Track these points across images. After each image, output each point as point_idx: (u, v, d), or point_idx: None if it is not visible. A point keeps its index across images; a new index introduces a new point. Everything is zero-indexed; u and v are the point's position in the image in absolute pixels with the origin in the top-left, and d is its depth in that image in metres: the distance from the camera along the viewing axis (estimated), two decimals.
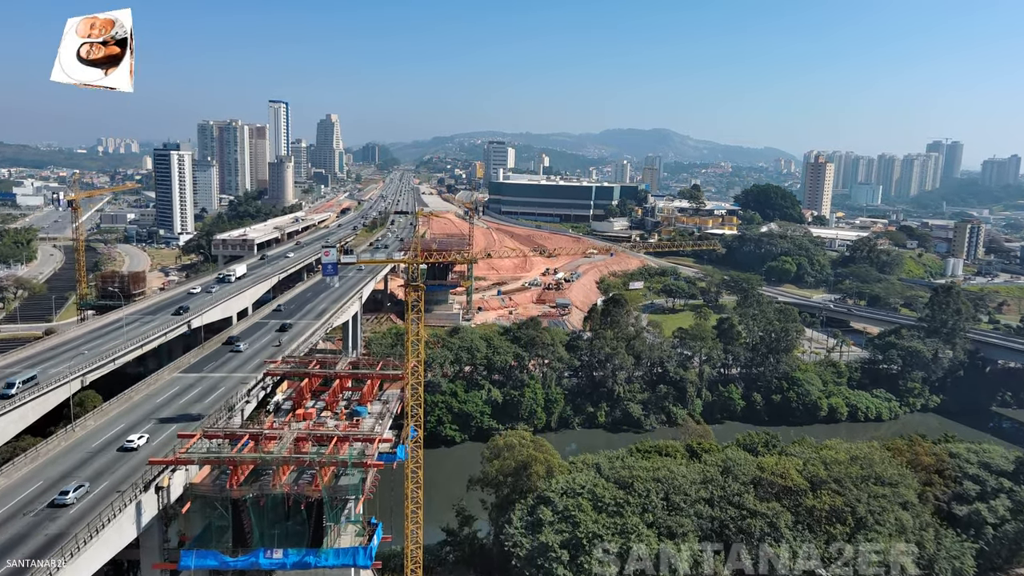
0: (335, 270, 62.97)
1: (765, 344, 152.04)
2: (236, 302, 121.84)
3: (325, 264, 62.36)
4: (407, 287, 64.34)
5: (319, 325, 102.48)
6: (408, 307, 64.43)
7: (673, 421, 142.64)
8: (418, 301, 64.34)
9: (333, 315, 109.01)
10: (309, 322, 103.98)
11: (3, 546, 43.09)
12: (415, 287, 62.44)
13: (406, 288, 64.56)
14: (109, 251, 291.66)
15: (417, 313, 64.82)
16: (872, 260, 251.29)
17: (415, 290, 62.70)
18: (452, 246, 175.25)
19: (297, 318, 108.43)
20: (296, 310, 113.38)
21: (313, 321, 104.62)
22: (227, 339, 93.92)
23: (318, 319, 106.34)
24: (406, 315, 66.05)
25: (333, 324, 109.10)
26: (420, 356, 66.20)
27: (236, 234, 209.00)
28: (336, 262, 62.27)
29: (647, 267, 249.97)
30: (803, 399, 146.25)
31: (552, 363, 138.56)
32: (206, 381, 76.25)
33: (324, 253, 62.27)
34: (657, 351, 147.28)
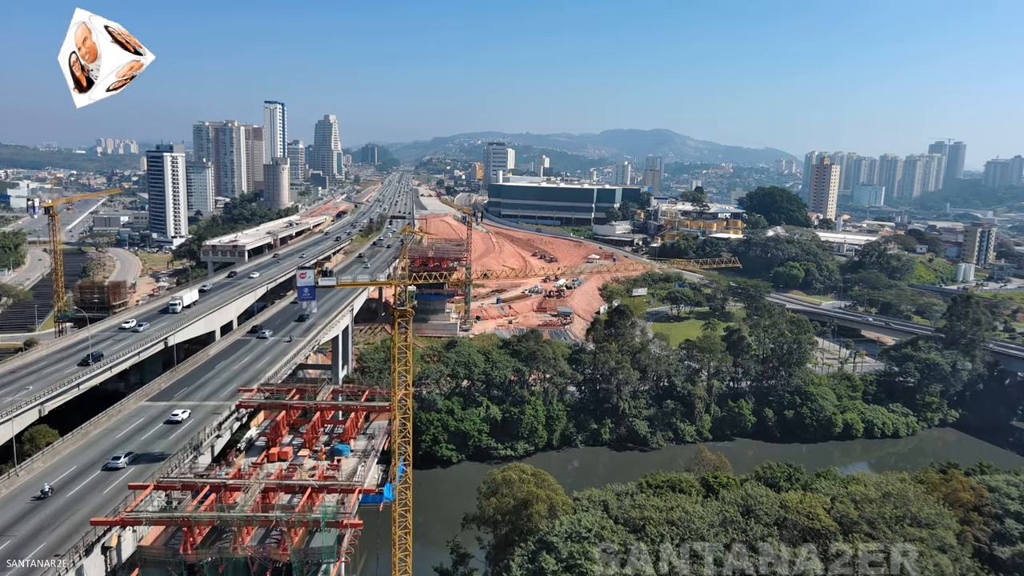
0: (312, 294, 56.24)
1: (777, 357, 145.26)
2: (220, 315, 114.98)
3: (301, 288, 55.60)
4: (395, 310, 57.49)
5: (305, 343, 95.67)
6: (395, 334, 57.55)
7: (681, 438, 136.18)
8: (405, 327, 57.41)
9: (321, 331, 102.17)
10: (295, 339, 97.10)
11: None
12: (402, 312, 55.56)
13: (394, 312, 57.75)
14: (99, 256, 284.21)
15: (405, 341, 57.88)
16: (882, 265, 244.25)
17: (402, 315, 55.79)
18: (449, 253, 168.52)
19: (282, 335, 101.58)
20: (282, 325, 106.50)
21: (299, 339, 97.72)
22: (204, 360, 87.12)
23: (305, 335, 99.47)
24: (394, 337, 59.19)
25: (321, 340, 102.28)
26: (408, 387, 59.32)
27: (226, 240, 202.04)
28: (313, 285, 55.50)
29: (651, 272, 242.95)
30: (817, 415, 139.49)
31: (554, 378, 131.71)
32: (175, 411, 69.33)
33: (300, 275, 55.49)
34: (664, 364, 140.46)
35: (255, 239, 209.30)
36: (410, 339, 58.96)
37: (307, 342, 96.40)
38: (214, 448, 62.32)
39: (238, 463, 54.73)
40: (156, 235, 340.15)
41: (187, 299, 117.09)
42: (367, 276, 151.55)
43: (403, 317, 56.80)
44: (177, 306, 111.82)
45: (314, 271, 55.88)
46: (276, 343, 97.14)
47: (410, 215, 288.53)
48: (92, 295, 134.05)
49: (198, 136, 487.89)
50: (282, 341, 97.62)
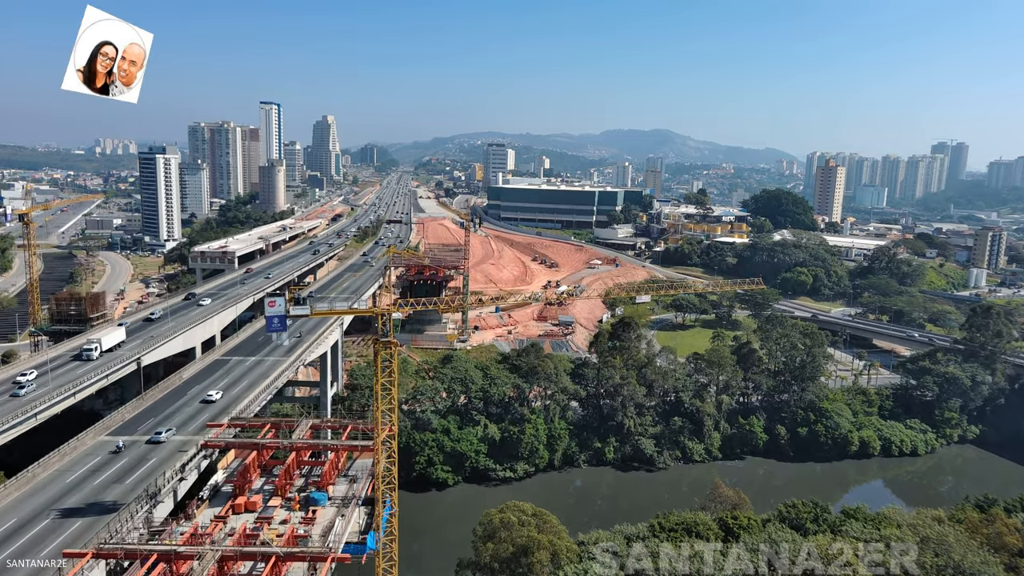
0: (282, 325, 49.49)
1: (789, 370, 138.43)
2: (202, 329, 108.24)
3: (269, 318, 48.83)
4: (376, 342, 50.70)
5: (289, 363, 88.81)
6: (377, 367, 50.68)
7: (689, 457, 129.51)
8: (389, 359, 50.56)
9: (308, 348, 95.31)
10: (276, 360, 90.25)
11: None
12: (385, 344, 48.78)
13: (376, 343, 50.94)
14: (88, 260, 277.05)
15: (390, 374, 51.02)
16: (892, 271, 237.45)
17: (385, 347, 48.99)
18: (446, 261, 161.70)
19: (263, 354, 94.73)
20: (265, 343, 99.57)
21: (282, 358, 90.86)
22: (177, 384, 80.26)
23: (289, 354, 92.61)
24: (375, 371, 52.31)
25: (307, 359, 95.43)
26: (393, 426, 52.43)
27: (216, 246, 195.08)
28: (283, 314, 48.76)
29: (654, 278, 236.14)
30: (832, 432, 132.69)
31: (555, 395, 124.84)
32: (136, 448, 62.50)
33: (269, 304, 48.76)
34: (671, 379, 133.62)
35: (246, 245, 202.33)
36: (395, 372, 52.11)
37: (291, 362, 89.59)
38: (177, 493, 55.54)
39: (198, 517, 47.99)
40: (149, 238, 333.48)
41: (107, 342, 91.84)
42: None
43: (387, 349, 50.04)
44: (93, 352, 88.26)
45: (285, 298, 49.23)
46: (259, 362, 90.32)
47: (407, 219, 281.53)
48: (68, 307, 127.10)
49: (193, 137, 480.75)
50: (265, 360, 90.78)
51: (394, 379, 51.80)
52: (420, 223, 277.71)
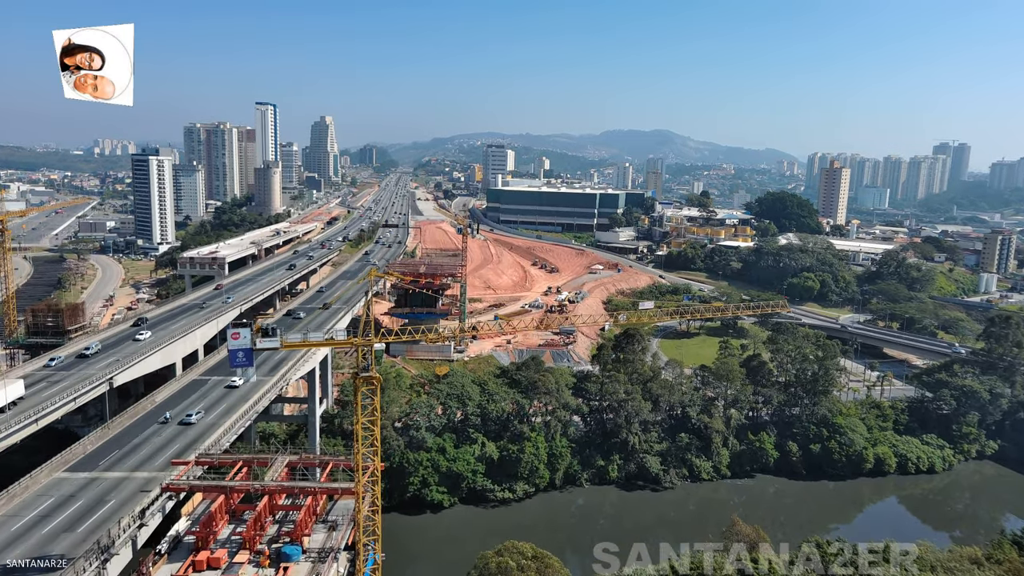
0: (248, 359, 43.62)
1: (800, 383, 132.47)
2: (182, 344, 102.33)
3: (233, 351, 42.95)
4: (357, 376, 44.77)
5: (272, 384, 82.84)
6: (357, 404, 44.71)
7: (696, 475, 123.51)
8: (371, 397, 44.59)
9: (293, 366, 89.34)
10: (259, 380, 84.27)
11: None
12: (366, 379, 42.85)
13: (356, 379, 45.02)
14: (77, 264, 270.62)
15: (372, 412, 45.06)
16: (901, 276, 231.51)
17: (366, 383, 43.06)
18: (443, 268, 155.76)
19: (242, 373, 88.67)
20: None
21: (265, 378, 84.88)
22: (150, 408, 74.29)
23: (272, 372, 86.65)
24: (354, 409, 46.33)
25: (292, 378, 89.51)
26: (376, 473, 46.45)
27: (206, 251, 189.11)
28: (249, 348, 42.91)
29: (658, 284, 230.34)
30: (846, 449, 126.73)
31: (556, 411, 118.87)
32: (96, 487, 56.57)
33: (232, 335, 42.89)
34: (677, 393, 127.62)
35: (237, 250, 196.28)
36: (378, 409, 46.20)
37: (274, 382, 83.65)
38: (137, 541, 49.56)
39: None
40: (142, 241, 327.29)
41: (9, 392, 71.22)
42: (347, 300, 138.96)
43: (369, 384, 44.13)
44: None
45: (251, 329, 43.38)
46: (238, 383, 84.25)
47: (404, 223, 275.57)
48: (46, 319, 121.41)
49: (189, 138, 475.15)
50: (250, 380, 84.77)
51: (376, 418, 45.92)
52: (417, 227, 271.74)
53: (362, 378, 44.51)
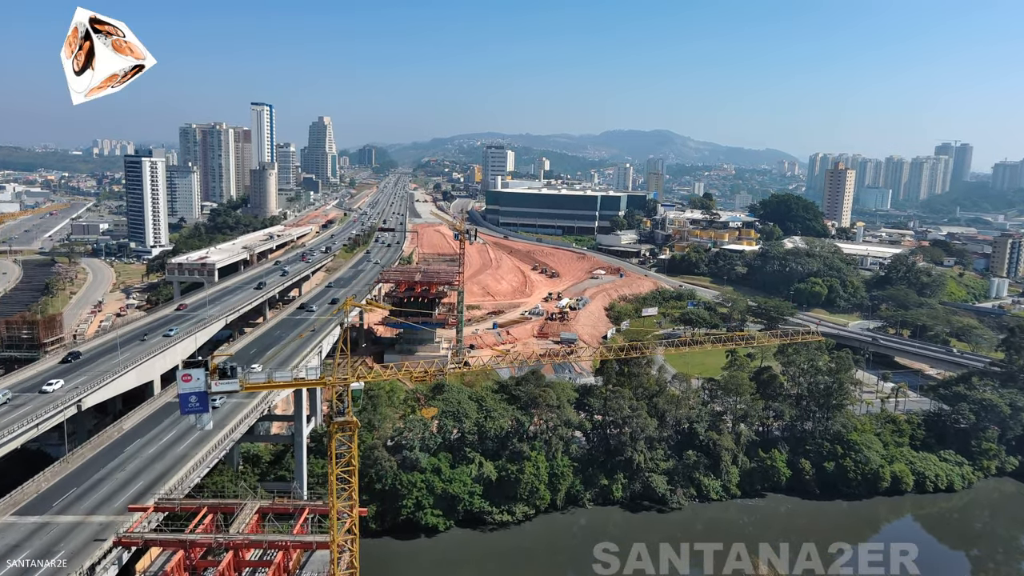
0: (203, 404, 37.69)
1: (813, 397, 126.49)
2: (161, 360, 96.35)
3: (184, 396, 37.06)
4: (331, 421, 38.84)
5: (251, 408, 76.85)
6: (331, 453, 38.77)
7: (705, 495, 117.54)
8: (347, 443, 38.65)
9: (272, 393, 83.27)
10: (239, 402, 78.29)
11: None
12: (342, 425, 36.95)
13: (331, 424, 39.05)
14: (66, 268, 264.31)
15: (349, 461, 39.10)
16: (910, 281, 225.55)
17: (342, 428, 37.16)
18: (440, 276, 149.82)
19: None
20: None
21: (245, 400, 78.88)
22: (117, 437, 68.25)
23: (252, 395, 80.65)
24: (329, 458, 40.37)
25: (275, 400, 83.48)
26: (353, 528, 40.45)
27: (195, 257, 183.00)
28: (204, 391, 37.04)
29: (661, 289, 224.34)
30: (862, 467, 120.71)
31: (558, 428, 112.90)
32: (45, 535, 50.61)
33: (183, 378, 37.02)
34: (684, 408, 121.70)
35: (228, 255, 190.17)
36: (355, 457, 40.30)
37: (255, 405, 77.65)
38: None
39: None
40: (134, 244, 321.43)
41: None
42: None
43: (345, 430, 38.21)
44: None
45: (205, 369, 37.49)
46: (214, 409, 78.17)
47: (401, 227, 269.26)
48: (20, 331, 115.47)
49: (184, 139, 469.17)
50: (226, 401, 78.80)
51: (353, 467, 40.03)
52: (415, 231, 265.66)
53: (337, 423, 38.70)
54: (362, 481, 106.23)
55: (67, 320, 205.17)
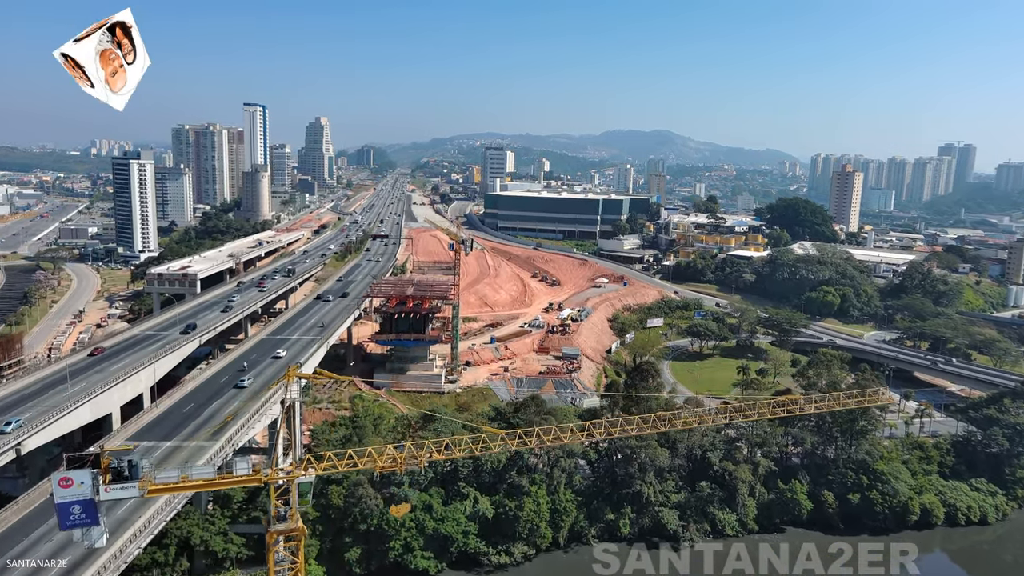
0: (91, 516, 28.30)
1: (836, 423, 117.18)
2: (119, 391, 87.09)
3: (63, 507, 27.71)
4: (268, 533, 29.53)
5: (216, 449, 67.55)
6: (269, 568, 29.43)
7: (719, 530, 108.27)
8: (293, 553, 29.34)
9: (243, 427, 74.06)
10: (199, 446, 68.99)
11: None
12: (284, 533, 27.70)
13: (267, 535, 29.77)
14: (47, 276, 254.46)
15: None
16: (926, 289, 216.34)
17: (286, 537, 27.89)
18: (434, 288, 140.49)
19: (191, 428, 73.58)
20: (192, 415, 78.46)
21: (208, 443, 69.61)
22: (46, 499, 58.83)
23: (215, 437, 71.43)
24: None
25: (242, 440, 74.17)
26: None
27: (176, 266, 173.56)
28: (89, 498, 27.72)
29: (666, 298, 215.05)
30: (889, 500, 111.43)
31: (560, 460, 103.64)
32: None
33: (61, 482, 27.76)
34: (697, 435, 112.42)
35: (213, 264, 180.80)
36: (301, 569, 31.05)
37: (217, 449, 68.34)
38: None
39: None
40: (122, 249, 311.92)
41: None
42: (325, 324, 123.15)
43: (290, 539, 28.95)
44: None
45: (92, 473, 28.33)
46: (176, 449, 69.03)
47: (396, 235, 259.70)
48: None
49: (177, 140, 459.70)
50: (184, 446, 69.54)
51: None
52: (410, 237, 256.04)
53: (276, 533, 29.46)
54: (345, 521, 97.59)
55: (44, 332, 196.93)
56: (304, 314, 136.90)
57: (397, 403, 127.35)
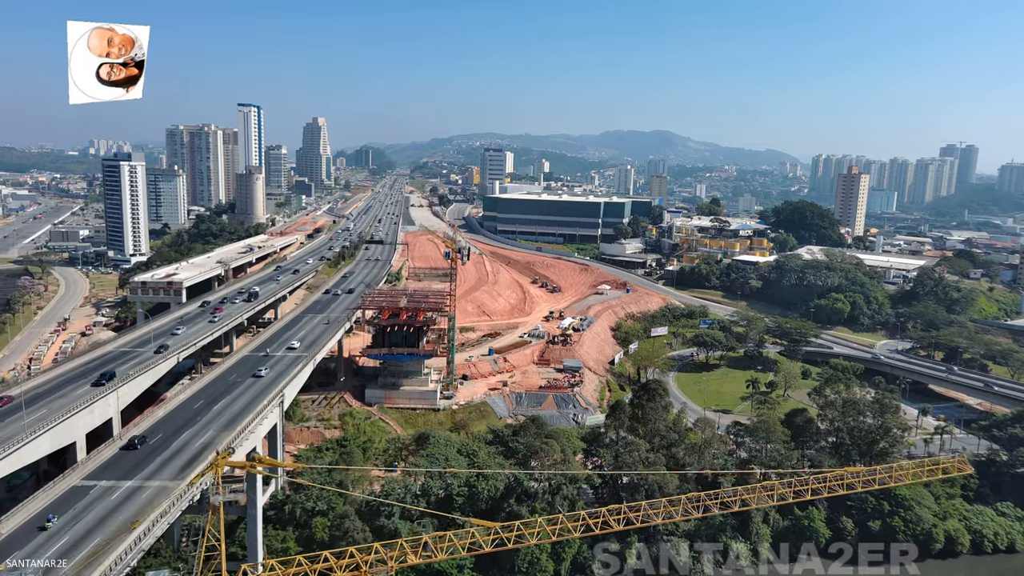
0: None
1: (855, 444, 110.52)
2: (85, 417, 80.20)
3: None
4: None
5: (177, 494, 60.71)
6: None
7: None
8: None
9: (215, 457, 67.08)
10: (160, 487, 62.19)
11: None
12: None
13: None
14: (31, 282, 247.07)
15: None
16: (938, 296, 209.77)
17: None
18: (428, 301, 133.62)
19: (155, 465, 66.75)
20: (160, 446, 71.63)
21: (167, 485, 62.75)
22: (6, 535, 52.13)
23: (181, 475, 64.57)
24: None
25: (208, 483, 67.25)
26: None
27: (161, 274, 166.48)
28: None
29: (671, 306, 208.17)
30: (913, 527, 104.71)
31: (562, 487, 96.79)
32: None
33: None
34: (708, 458, 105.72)
35: (201, 271, 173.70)
36: None
37: (180, 492, 61.49)
38: None
39: None
40: (112, 253, 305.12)
41: None
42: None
43: None
44: None
45: None
46: (135, 491, 62.21)
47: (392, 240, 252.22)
48: None
49: (172, 141, 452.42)
50: (146, 486, 62.71)
51: None
52: (405, 243, 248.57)
53: None
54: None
55: (27, 341, 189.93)
56: (291, 328, 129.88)
57: (390, 421, 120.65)
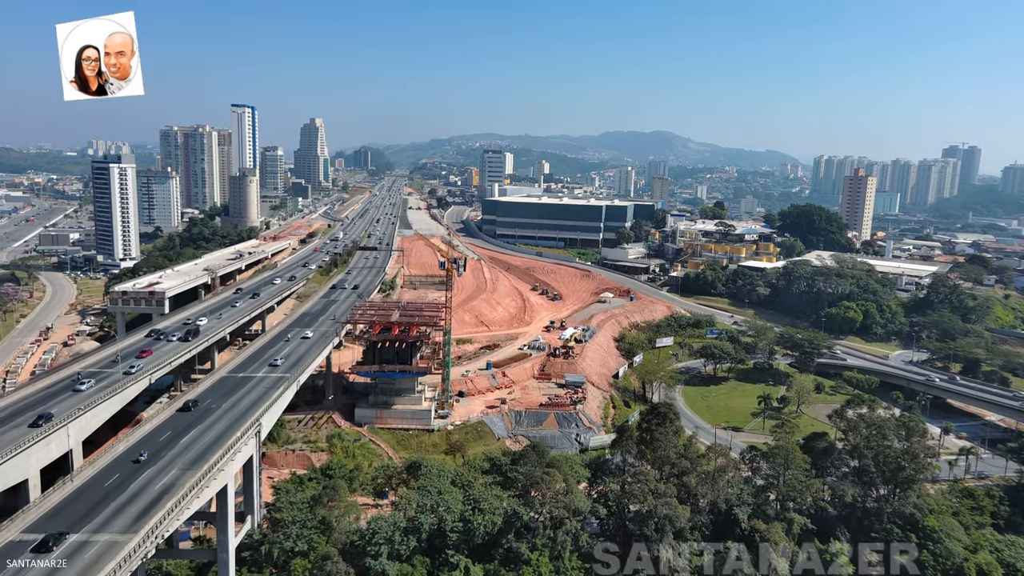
0: None
1: (880, 471, 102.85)
2: (39, 452, 72.70)
3: None
4: None
5: (136, 543, 53.17)
6: None
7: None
8: None
9: (174, 512, 59.53)
10: (108, 541, 54.58)
11: None
12: None
13: None
14: (14, 288, 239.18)
15: None
16: (953, 304, 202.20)
17: None
18: (422, 314, 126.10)
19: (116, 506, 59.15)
20: (116, 489, 64.05)
21: (119, 539, 55.15)
22: None
23: (139, 522, 56.97)
24: None
25: (169, 529, 59.68)
26: None
27: (143, 283, 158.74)
28: None
29: (676, 315, 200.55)
30: (943, 562, 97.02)
31: (565, 521, 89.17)
32: None
33: None
34: (722, 486, 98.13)
35: (185, 280, 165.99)
36: None
37: (139, 540, 53.97)
38: None
39: None
40: (102, 257, 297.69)
41: None
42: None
43: None
44: None
45: None
46: (81, 546, 54.62)
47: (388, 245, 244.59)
48: None
49: (165, 142, 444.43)
50: (95, 539, 55.16)
51: None
52: (402, 249, 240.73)
53: None
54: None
55: (6, 351, 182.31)
56: (275, 343, 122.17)
57: (381, 443, 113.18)
